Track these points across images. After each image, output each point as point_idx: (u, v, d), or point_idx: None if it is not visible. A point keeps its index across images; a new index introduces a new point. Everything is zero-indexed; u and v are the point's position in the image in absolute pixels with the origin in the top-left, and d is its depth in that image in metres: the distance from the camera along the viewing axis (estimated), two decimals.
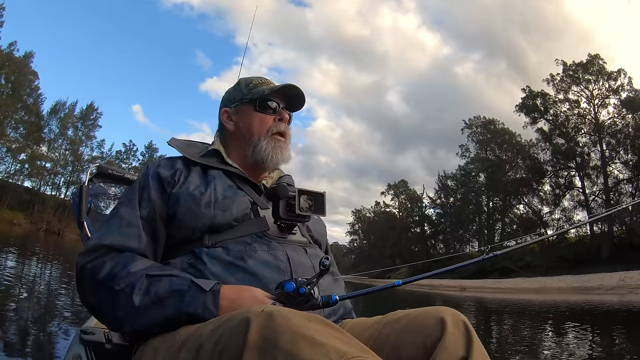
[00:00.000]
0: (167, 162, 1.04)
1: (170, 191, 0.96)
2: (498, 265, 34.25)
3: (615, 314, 9.53)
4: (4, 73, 38.38)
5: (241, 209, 0.96)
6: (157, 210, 0.94)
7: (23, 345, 3.07)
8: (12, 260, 9.42)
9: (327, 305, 0.81)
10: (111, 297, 0.81)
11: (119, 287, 0.80)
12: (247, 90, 1.12)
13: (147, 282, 0.80)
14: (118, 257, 0.85)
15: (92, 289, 0.85)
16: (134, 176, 1.64)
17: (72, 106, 47.04)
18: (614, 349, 5.11)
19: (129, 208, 0.94)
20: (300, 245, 1.00)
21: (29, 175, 44.18)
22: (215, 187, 0.97)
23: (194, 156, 1.06)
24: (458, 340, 0.74)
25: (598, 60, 36.96)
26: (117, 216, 0.93)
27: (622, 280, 17.05)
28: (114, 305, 0.81)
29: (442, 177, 52.23)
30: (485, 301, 13.98)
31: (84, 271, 0.86)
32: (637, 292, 14.26)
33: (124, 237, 0.89)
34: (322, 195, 0.98)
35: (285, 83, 1.11)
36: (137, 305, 0.78)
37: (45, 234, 33.77)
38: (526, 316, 9.75)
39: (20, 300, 4.87)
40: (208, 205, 0.93)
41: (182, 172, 1.00)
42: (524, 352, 4.95)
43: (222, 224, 0.92)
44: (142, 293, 0.79)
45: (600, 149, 36.19)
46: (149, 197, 0.95)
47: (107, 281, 0.82)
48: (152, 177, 0.98)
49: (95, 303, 0.86)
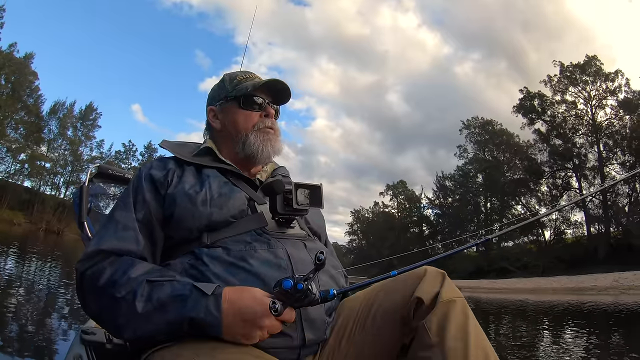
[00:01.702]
0: (159, 164, 1.03)
1: (165, 192, 0.96)
2: (495, 266, 34.47)
3: (607, 314, 9.63)
4: (4, 74, 38.49)
5: (238, 205, 0.96)
6: (153, 212, 0.94)
7: (23, 346, 3.05)
8: (12, 260, 9.42)
9: (325, 300, 0.80)
10: (113, 305, 0.80)
11: (120, 294, 0.79)
12: (232, 87, 1.12)
13: (149, 288, 0.80)
14: (117, 262, 0.85)
15: (93, 297, 0.85)
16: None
17: (72, 106, 47.21)
18: (604, 348, 5.17)
19: (124, 212, 0.93)
20: (300, 239, 0.99)
21: (28, 175, 44.38)
22: (210, 185, 0.97)
23: (186, 156, 1.06)
24: (435, 281, 0.87)
25: (595, 61, 37.12)
26: (113, 221, 0.93)
27: (616, 281, 17.19)
28: (115, 312, 0.80)
29: (440, 177, 52.43)
30: (479, 301, 14.11)
31: (83, 278, 0.86)
32: (628, 293, 14.42)
33: (121, 241, 0.88)
34: (319, 188, 0.97)
35: (268, 78, 1.11)
36: (139, 312, 0.77)
37: (45, 233, 33.76)
38: (519, 316, 9.86)
39: (20, 301, 4.86)
40: (204, 203, 0.93)
41: (175, 172, 1.00)
42: (514, 349, 5.02)
43: (219, 222, 0.92)
44: (145, 300, 0.78)
45: (598, 150, 36.36)
46: (144, 199, 0.95)
47: (107, 288, 0.81)
48: (145, 179, 0.97)
49: (96, 310, 0.86)
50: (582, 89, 37.64)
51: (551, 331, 7.00)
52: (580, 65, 37.50)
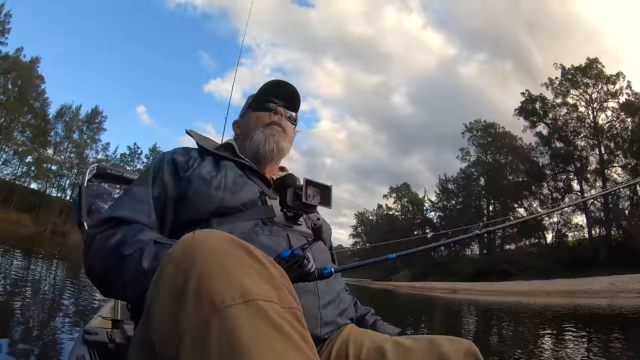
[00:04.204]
0: (182, 150, 1.08)
1: (183, 175, 1.00)
2: (496, 268, 34.46)
3: (597, 316, 9.69)
4: (11, 78, 39.19)
5: (249, 196, 0.99)
6: (169, 193, 0.97)
7: (26, 346, 3.04)
8: (17, 261, 9.54)
9: (322, 276, 0.80)
10: (119, 263, 0.80)
11: (128, 252, 0.80)
12: (250, 98, 1.22)
13: (157, 248, 0.81)
14: (128, 228, 0.87)
15: (101, 257, 0.85)
16: (133, 175, 1.66)
17: (78, 110, 48.10)
18: (589, 350, 5.26)
19: (142, 187, 0.97)
20: (304, 236, 0.99)
21: (35, 177, 45.16)
22: (226, 174, 1.01)
23: (209, 147, 1.10)
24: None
25: (597, 63, 37.11)
26: (130, 193, 0.97)
27: (612, 284, 17.22)
28: (122, 269, 0.80)
29: (442, 180, 52.53)
30: (475, 303, 14.26)
31: (93, 241, 0.87)
32: (619, 296, 14.48)
33: (135, 212, 0.91)
34: (329, 189, 0.97)
35: (273, 80, 1.18)
36: (146, 268, 0.77)
37: (51, 235, 34.02)
38: (511, 317, 9.99)
39: (24, 301, 4.89)
40: (218, 187, 0.96)
41: (196, 160, 1.05)
42: (504, 350, 5.15)
43: (229, 207, 0.95)
44: (151, 258, 0.78)
45: (599, 153, 36.30)
46: (162, 179, 0.99)
47: (116, 248, 0.83)
48: (168, 162, 1.02)
49: (101, 271, 0.85)
50: (583, 92, 37.63)
51: (537, 333, 7.12)
52: (582, 68, 37.50)
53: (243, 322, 0.47)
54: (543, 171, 39.99)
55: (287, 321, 0.50)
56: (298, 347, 0.48)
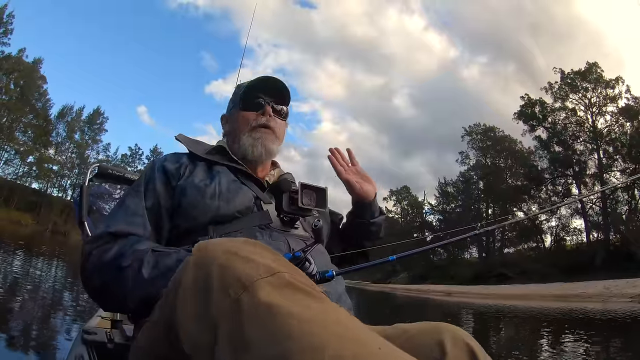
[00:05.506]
0: (173, 157, 1.07)
1: (176, 183, 0.98)
2: (494, 272, 34.51)
3: (588, 320, 9.73)
4: (13, 78, 39.49)
5: (245, 202, 0.98)
6: (162, 202, 0.96)
7: (25, 345, 3.04)
8: (18, 260, 9.55)
9: (324, 279, 0.80)
10: (118, 274, 0.80)
11: (126, 263, 0.80)
12: (238, 92, 1.17)
13: (155, 256, 0.80)
14: (125, 240, 0.86)
15: (98, 271, 0.83)
16: (134, 175, 1.65)
17: (80, 110, 48.37)
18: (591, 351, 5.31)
19: (135, 198, 0.96)
20: (303, 239, 0.99)
21: (36, 177, 45.46)
22: (220, 181, 0.99)
23: (199, 152, 1.09)
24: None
25: (596, 68, 37.17)
26: (123, 206, 0.95)
27: (606, 288, 17.28)
28: (121, 281, 0.79)
29: (442, 183, 52.61)
30: (468, 306, 14.36)
31: (90, 256, 0.85)
32: (611, 300, 14.53)
33: (130, 225, 0.90)
34: (324, 190, 0.98)
35: (260, 76, 1.14)
36: (146, 278, 0.77)
37: (52, 234, 34.19)
38: (505, 320, 10.13)
39: (23, 300, 4.91)
40: (213, 196, 0.95)
41: (188, 167, 1.03)
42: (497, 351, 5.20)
43: (225, 215, 0.94)
44: (151, 267, 0.79)
45: (598, 157, 36.36)
46: (154, 189, 0.97)
47: (114, 261, 0.81)
48: (158, 170, 1.00)
49: (100, 284, 0.83)
50: (582, 96, 37.69)
51: (528, 336, 7.20)
52: (581, 72, 37.56)
53: (273, 290, 0.49)
54: (542, 175, 40.07)
55: (311, 286, 0.53)
56: (327, 301, 0.52)
